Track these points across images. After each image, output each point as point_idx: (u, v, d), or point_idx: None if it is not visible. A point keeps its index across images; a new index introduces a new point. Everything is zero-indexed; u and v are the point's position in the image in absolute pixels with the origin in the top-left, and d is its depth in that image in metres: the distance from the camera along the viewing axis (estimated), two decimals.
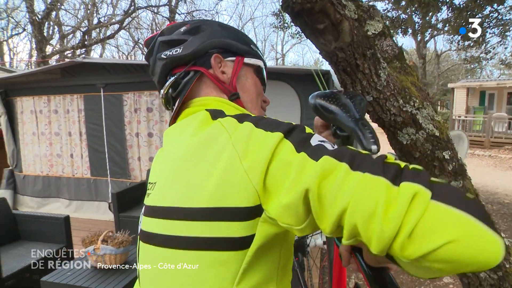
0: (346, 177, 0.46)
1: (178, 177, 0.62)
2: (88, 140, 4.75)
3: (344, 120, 0.74)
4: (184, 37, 0.74)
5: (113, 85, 4.52)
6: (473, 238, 0.39)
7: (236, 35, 0.80)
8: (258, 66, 0.82)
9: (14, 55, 25.83)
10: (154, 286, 0.66)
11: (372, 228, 0.43)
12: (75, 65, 4.63)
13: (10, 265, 2.44)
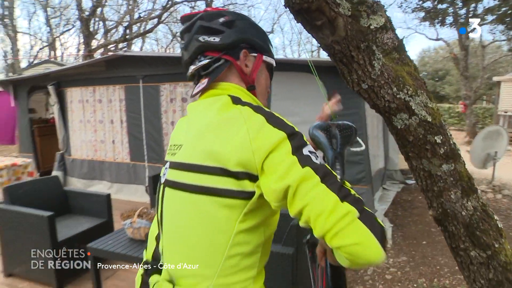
0: (316, 185, 0.70)
1: (202, 143, 0.81)
2: (128, 127, 5.12)
3: (326, 151, 1.01)
4: (222, 28, 0.88)
5: (151, 76, 4.83)
6: (369, 246, 0.65)
7: (260, 34, 0.95)
8: (271, 64, 0.99)
9: (64, 50, 27.56)
10: (177, 223, 0.86)
11: (318, 221, 0.67)
12: (117, 58, 5.00)
13: (63, 233, 2.79)
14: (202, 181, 0.78)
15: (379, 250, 0.66)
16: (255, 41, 0.92)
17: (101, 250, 2.46)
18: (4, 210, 2.87)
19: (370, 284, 2.94)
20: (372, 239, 0.65)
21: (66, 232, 2.83)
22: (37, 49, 22.97)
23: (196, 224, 0.81)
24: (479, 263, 1.21)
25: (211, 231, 0.79)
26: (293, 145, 0.74)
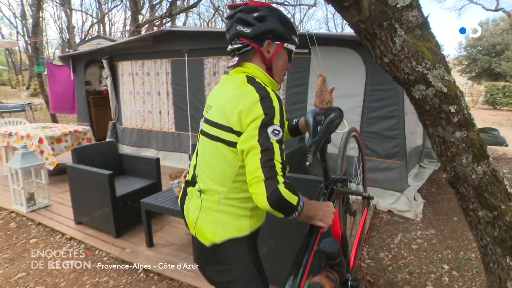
0: (255, 154, 1.04)
1: (223, 109, 1.18)
2: (173, 99, 5.48)
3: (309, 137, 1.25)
4: (254, 22, 1.18)
5: (195, 50, 5.09)
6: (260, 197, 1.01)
7: (286, 26, 1.22)
8: (291, 50, 1.29)
9: (112, 26, 28.69)
10: (205, 157, 1.27)
11: (247, 175, 1.06)
12: (164, 33, 5.29)
13: (120, 190, 3.20)
14: (219, 134, 1.17)
15: (264, 202, 1.00)
16: (279, 32, 1.21)
17: (152, 205, 2.83)
18: (73, 168, 3.33)
19: (396, 252, 3.10)
20: (262, 195, 1.00)
21: (122, 190, 3.24)
22: (88, 25, 24.18)
23: (215, 159, 1.20)
24: (485, 222, 1.35)
25: (224, 164, 1.18)
26: (262, 123, 1.06)
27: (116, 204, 3.07)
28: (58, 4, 17.48)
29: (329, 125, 1.24)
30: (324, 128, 1.22)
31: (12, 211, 3.99)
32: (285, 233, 2.07)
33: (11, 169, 3.85)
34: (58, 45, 31.09)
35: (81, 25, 28.12)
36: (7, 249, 3.21)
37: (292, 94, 4.50)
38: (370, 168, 4.10)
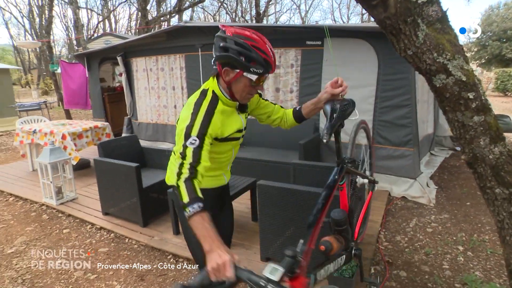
0: (176, 158, 1.34)
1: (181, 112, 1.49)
2: (188, 93, 5.61)
3: (326, 121, 1.45)
4: (219, 49, 1.39)
5: (209, 45, 5.17)
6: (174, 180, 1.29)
7: (247, 58, 1.35)
8: (250, 79, 1.40)
9: (117, 22, 28.82)
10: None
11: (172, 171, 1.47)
12: (177, 29, 5.41)
13: (145, 182, 3.34)
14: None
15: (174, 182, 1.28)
16: (236, 64, 1.37)
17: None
18: (100, 161, 3.50)
19: (411, 235, 3.23)
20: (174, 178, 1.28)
21: (147, 181, 3.39)
22: (94, 23, 24.35)
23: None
24: (502, 199, 1.47)
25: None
26: (185, 133, 1.35)
27: (143, 195, 3.24)
28: (66, 3, 17.66)
29: (343, 112, 1.46)
30: (338, 114, 1.43)
31: (43, 204, 4.20)
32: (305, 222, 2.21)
33: (41, 164, 4.04)
34: (64, 43, 31.33)
35: (86, 23, 28.34)
36: (44, 238, 3.41)
37: (305, 85, 4.61)
38: (383, 156, 4.22)
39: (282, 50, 4.67)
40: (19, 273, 2.84)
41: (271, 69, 1.42)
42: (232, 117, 1.55)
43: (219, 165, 1.64)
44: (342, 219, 1.43)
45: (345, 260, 1.48)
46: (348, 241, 1.50)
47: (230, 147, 1.61)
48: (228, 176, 1.82)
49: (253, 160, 4.14)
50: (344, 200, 1.56)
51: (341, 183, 1.58)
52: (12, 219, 3.91)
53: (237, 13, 27.66)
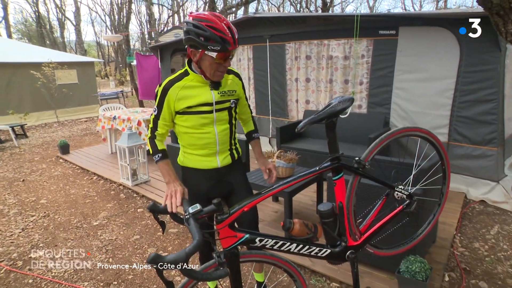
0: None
1: None
2: (255, 84, 5.69)
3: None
4: (184, 33, 1.57)
5: (277, 36, 5.20)
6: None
7: (205, 38, 1.48)
8: (212, 56, 1.52)
9: (185, 16, 30.12)
10: None
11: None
12: (246, 20, 5.48)
13: None
14: None
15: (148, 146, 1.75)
16: (198, 44, 1.50)
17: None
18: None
19: (493, 243, 2.94)
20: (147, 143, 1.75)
21: None
22: (165, 18, 25.73)
23: None
24: None
25: None
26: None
27: None
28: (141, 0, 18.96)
29: (333, 109, 1.46)
30: (327, 109, 1.46)
31: (120, 184, 4.59)
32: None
33: (120, 148, 4.41)
34: (137, 38, 33.58)
35: (158, 18, 30.07)
36: (122, 215, 3.73)
37: (376, 77, 4.40)
38: (460, 155, 3.89)
39: (352, 41, 4.49)
40: (103, 243, 3.14)
41: (230, 46, 1.51)
42: (198, 91, 1.68)
43: (201, 143, 1.75)
44: (325, 212, 1.46)
45: (327, 255, 1.51)
46: (329, 234, 1.51)
47: (202, 121, 1.70)
48: (224, 161, 1.82)
49: (318, 152, 4.08)
50: (339, 196, 1.54)
51: (335, 178, 1.54)
52: (96, 195, 4.34)
53: (301, 4, 27.26)
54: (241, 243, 1.31)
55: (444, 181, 1.88)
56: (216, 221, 1.26)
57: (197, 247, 1.02)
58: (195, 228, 1.10)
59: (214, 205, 1.23)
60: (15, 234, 3.41)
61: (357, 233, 1.61)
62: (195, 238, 1.05)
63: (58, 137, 8.17)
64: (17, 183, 5.01)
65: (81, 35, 29.59)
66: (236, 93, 1.78)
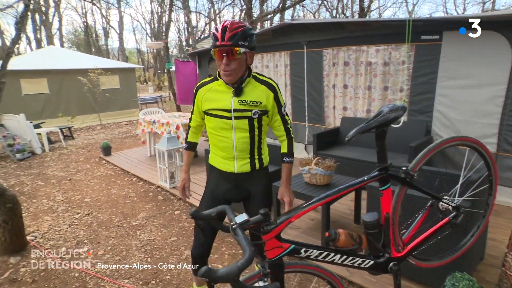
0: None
1: None
2: (291, 90, 5.68)
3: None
4: None
5: (314, 42, 5.17)
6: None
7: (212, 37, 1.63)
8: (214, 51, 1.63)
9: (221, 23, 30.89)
10: None
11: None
12: (283, 27, 5.50)
13: None
14: None
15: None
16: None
17: None
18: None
19: None
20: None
21: None
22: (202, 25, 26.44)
23: None
24: None
25: None
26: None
27: None
28: (180, 8, 19.60)
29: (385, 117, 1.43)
30: (378, 118, 1.43)
31: (158, 186, 4.73)
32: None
33: (159, 151, 4.55)
34: (175, 45, 34.71)
35: (195, 25, 30.94)
36: (159, 216, 3.84)
37: (417, 84, 4.24)
38: (510, 167, 3.66)
39: (393, 46, 4.37)
40: (142, 243, 3.25)
41: (218, 41, 1.58)
42: (222, 96, 1.74)
43: (220, 145, 1.81)
44: (371, 223, 1.42)
45: (370, 266, 1.46)
46: (373, 245, 1.46)
47: (221, 125, 1.77)
48: (242, 168, 1.83)
49: (356, 160, 3.99)
50: (384, 207, 1.49)
51: (382, 188, 1.49)
52: (135, 196, 4.50)
53: (338, 10, 26.96)
54: (286, 254, 1.29)
55: (491, 192, 1.81)
56: (262, 231, 1.23)
57: (249, 261, 0.99)
58: (244, 241, 1.07)
59: (261, 215, 1.20)
60: (63, 230, 3.61)
61: (400, 244, 1.55)
62: (246, 251, 1.02)
63: (101, 139, 8.58)
64: (65, 182, 5.32)
65: (123, 43, 31.07)
66: (261, 105, 1.74)
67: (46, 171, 6.03)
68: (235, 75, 1.66)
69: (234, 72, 1.64)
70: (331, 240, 1.40)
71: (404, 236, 1.60)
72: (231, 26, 1.58)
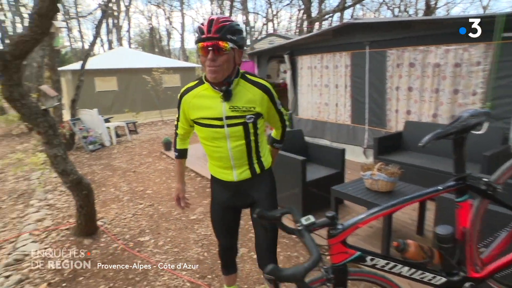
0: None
1: None
2: (352, 91, 5.50)
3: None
4: None
5: (377, 42, 4.96)
6: None
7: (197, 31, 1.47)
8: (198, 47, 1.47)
9: (278, 23, 30.90)
10: None
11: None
12: (344, 26, 5.35)
13: (308, 176, 3.43)
14: None
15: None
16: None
17: (343, 193, 2.95)
18: None
19: None
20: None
21: (310, 175, 3.47)
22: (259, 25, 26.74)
23: None
24: None
25: None
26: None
27: (305, 188, 3.34)
28: (238, 9, 20.04)
29: (464, 123, 1.34)
30: (456, 124, 1.34)
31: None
32: None
33: None
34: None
35: (253, 26, 31.37)
36: None
37: (496, 87, 3.87)
38: None
39: (466, 46, 4.03)
40: (199, 237, 3.36)
41: (203, 34, 1.43)
42: (210, 103, 1.58)
43: (215, 155, 1.69)
44: (445, 236, 1.33)
45: (442, 284, 1.36)
46: (447, 261, 1.36)
47: (213, 135, 1.61)
48: (242, 175, 1.72)
49: (422, 168, 3.74)
50: (461, 220, 1.38)
51: (459, 200, 1.38)
52: (193, 191, 4.68)
53: (400, 8, 25.60)
54: (351, 260, 1.25)
55: None
56: (328, 235, 1.21)
57: (316, 263, 0.98)
58: (311, 243, 1.06)
59: (327, 218, 1.19)
60: (127, 218, 3.86)
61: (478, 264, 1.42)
62: (313, 253, 1.02)
63: (162, 135, 9.05)
64: (129, 173, 5.69)
65: (184, 43, 32.46)
66: (255, 110, 1.59)
67: (113, 162, 6.50)
68: (222, 73, 1.48)
69: (220, 69, 1.47)
70: (400, 250, 1.33)
71: (483, 255, 1.47)
72: (218, 19, 1.45)
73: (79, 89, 7.85)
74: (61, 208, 4.29)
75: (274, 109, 1.71)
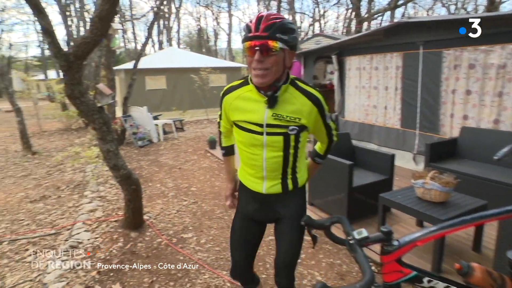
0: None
1: None
2: (402, 94, 5.24)
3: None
4: None
5: (432, 42, 4.67)
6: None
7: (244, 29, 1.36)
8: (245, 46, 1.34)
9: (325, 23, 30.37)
10: None
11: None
12: (396, 26, 5.10)
13: (355, 181, 3.31)
14: None
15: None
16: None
17: (392, 201, 2.81)
18: None
19: None
20: None
21: (356, 181, 3.34)
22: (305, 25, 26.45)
23: None
24: None
25: None
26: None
27: (351, 193, 3.23)
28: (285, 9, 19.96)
29: None
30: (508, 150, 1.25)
31: None
32: None
33: None
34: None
35: (299, 26, 31.08)
36: None
37: None
38: None
39: None
40: None
41: (251, 32, 1.31)
42: (253, 106, 1.47)
43: (249, 162, 1.57)
44: None
45: None
46: None
47: (251, 140, 1.50)
48: (271, 189, 1.57)
49: (481, 178, 3.45)
50: None
51: None
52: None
53: (457, 5, 24.01)
54: (406, 280, 1.16)
55: None
56: (382, 251, 1.13)
57: (369, 284, 0.92)
58: (364, 261, 1.00)
59: (382, 233, 1.10)
60: (171, 214, 3.98)
61: None
62: (367, 274, 0.95)
63: (207, 133, 9.27)
64: (175, 170, 5.88)
65: (231, 43, 33.05)
66: (300, 121, 1.44)
67: (160, 158, 6.76)
68: (270, 77, 1.34)
69: (268, 72, 1.33)
70: (463, 274, 1.18)
71: None
72: (268, 16, 1.31)
73: (131, 87, 8.25)
74: (111, 200, 4.53)
75: (322, 123, 1.54)
